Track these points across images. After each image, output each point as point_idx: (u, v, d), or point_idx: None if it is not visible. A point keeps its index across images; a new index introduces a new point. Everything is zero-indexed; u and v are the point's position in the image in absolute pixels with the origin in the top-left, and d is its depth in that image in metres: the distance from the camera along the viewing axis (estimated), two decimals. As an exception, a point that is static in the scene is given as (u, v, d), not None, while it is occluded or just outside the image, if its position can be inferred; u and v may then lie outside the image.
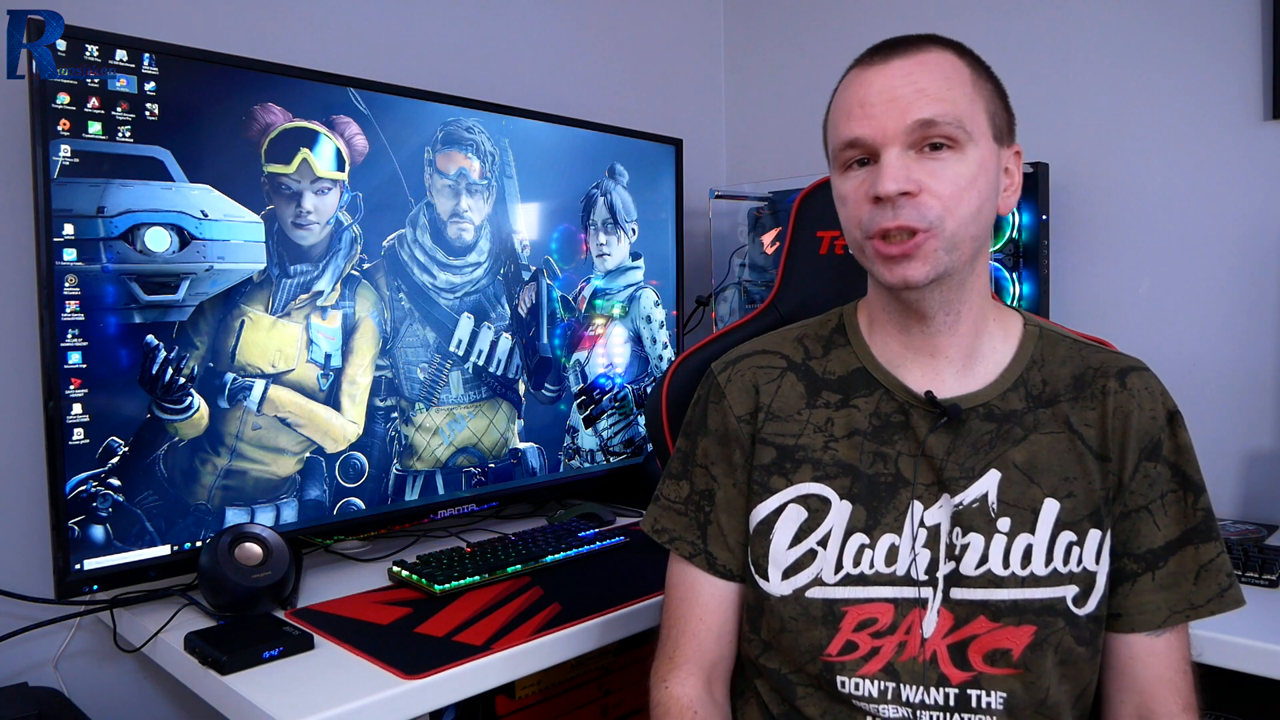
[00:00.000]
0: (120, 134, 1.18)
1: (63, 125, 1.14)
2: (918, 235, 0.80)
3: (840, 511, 0.88)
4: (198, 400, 1.27)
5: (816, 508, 0.89)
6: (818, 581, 0.87)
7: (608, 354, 1.83)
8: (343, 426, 1.42)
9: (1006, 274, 1.72)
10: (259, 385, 1.32)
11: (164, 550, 1.24)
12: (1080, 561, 0.84)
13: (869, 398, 0.91)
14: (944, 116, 0.80)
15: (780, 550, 0.89)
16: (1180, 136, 1.66)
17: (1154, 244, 1.70)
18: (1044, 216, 1.69)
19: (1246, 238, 1.60)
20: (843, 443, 0.90)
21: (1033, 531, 0.84)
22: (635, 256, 1.87)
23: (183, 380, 1.25)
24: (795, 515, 0.89)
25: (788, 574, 0.89)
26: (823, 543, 0.88)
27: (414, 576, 1.29)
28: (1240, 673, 1.12)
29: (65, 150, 1.14)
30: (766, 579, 0.90)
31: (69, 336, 1.15)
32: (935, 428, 0.87)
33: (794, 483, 0.90)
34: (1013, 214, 1.73)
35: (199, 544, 1.27)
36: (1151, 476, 0.86)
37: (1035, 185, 1.70)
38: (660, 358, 1.92)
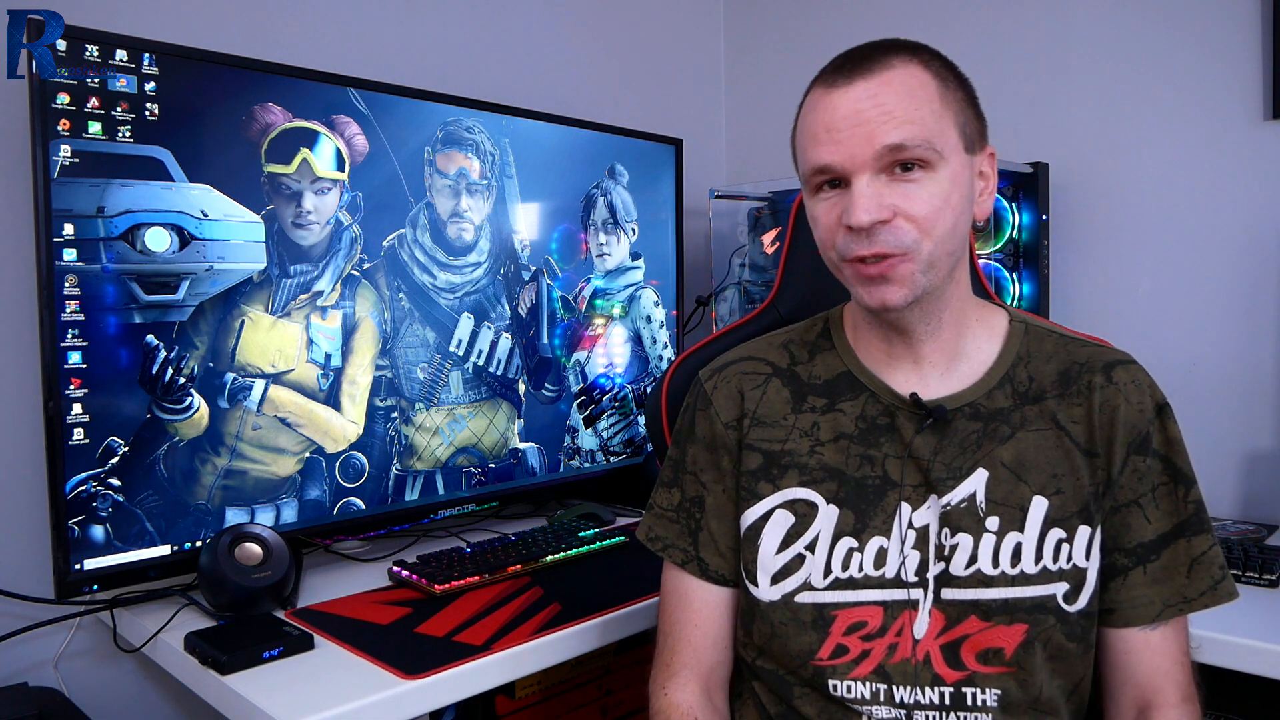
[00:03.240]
0: (120, 134, 1.18)
1: (63, 125, 1.14)
2: (893, 258, 0.80)
3: (827, 515, 0.88)
4: (198, 400, 1.27)
5: (804, 512, 0.89)
6: (806, 586, 0.87)
7: (608, 354, 1.83)
8: (343, 426, 1.42)
9: (1006, 274, 1.72)
10: (259, 385, 1.32)
11: (164, 550, 1.24)
12: (1070, 558, 0.84)
13: (854, 401, 0.91)
14: (912, 139, 0.78)
15: (768, 555, 0.89)
16: (1180, 136, 1.66)
17: (1154, 244, 1.70)
18: (1044, 216, 1.69)
19: (1246, 238, 1.59)
20: (829, 447, 0.90)
21: (1022, 530, 0.84)
22: (635, 256, 1.87)
23: (183, 380, 1.25)
24: (782, 520, 0.89)
25: (776, 579, 0.89)
26: (810, 547, 0.88)
27: (414, 576, 1.29)
28: (1240, 673, 1.12)
29: (65, 150, 1.14)
30: (756, 584, 0.90)
31: (69, 336, 1.15)
32: (922, 429, 0.87)
33: (781, 488, 0.90)
34: (1012, 213, 1.73)
35: (199, 544, 1.27)
36: (1141, 470, 0.86)
37: (1035, 185, 1.70)
38: (660, 358, 1.92)
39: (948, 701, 0.84)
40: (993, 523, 0.85)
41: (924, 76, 0.81)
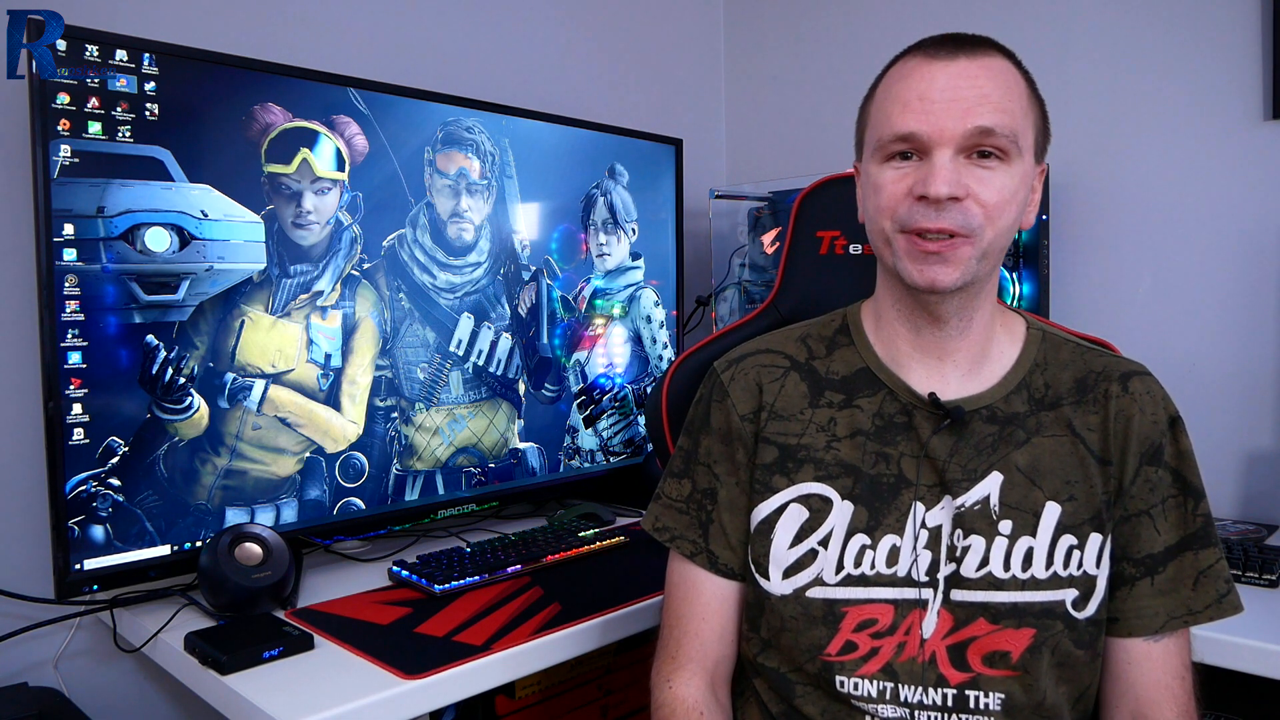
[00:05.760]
0: (120, 134, 1.18)
1: (63, 125, 1.14)
2: (955, 239, 0.81)
3: (842, 511, 0.88)
4: (198, 400, 1.27)
5: (818, 507, 0.89)
6: (818, 581, 0.87)
7: (608, 354, 1.83)
8: (343, 426, 1.42)
9: (1006, 274, 1.72)
10: (259, 385, 1.32)
11: (164, 550, 1.24)
12: (1080, 565, 0.84)
13: (872, 398, 0.91)
14: (1003, 127, 0.80)
15: (781, 550, 0.89)
16: (1180, 136, 1.66)
17: (1154, 244, 1.70)
18: (1044, 216, 1.69)
19: (1246, 238, 1.59)
20: (845, 443, 0.90)
21: (1034, 534, 0.85)
22: (635, 256, 1.87)
23: (183, 380, 1.25)
24: (796, 515, 0.89)
25: (788, 573, 0.89)
26: (824, 543, 0.88)
27: (414, 576, 1.29)
28: (1240, 673, 1.12)
29: (65, 150, 1.14)
30: (767, 578, 0.90)
31: (69, 336, 1.15)
32: (939, 429, 0.87)
33: (795, 482, 0.90)
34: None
35: (199, 544, 1.27)
36: (1152, 481, 0.86)
37: (1035, 185, 1.70)
38: (660, 358, 1.92)
39: (950, 703, 0.84)
40: (1005, 526, 0.85)
41: (1017, 75, 0.85)
